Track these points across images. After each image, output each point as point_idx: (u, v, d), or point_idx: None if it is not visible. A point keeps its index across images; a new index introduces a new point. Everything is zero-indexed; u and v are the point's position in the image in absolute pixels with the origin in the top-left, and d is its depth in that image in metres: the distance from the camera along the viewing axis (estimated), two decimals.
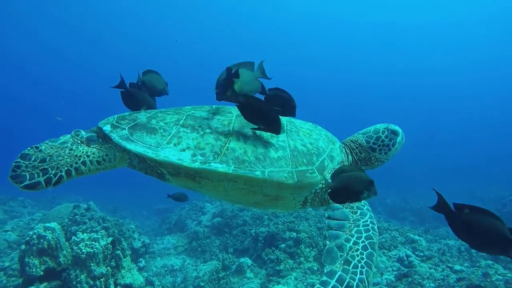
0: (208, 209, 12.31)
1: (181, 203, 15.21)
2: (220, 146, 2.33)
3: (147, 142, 2.35)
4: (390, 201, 19.29)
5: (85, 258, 4.13)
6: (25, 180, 2.16)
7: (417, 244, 7.44)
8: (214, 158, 2.28)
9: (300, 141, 2.53)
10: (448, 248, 7.88)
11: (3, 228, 10.34)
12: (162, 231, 13.11)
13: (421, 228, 13.05)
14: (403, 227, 8.96)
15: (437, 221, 15.73)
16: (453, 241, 9.93)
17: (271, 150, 2.38)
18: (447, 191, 8.41)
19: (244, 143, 2.38)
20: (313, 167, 2.41)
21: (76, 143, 2.46)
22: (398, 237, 7.75)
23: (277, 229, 7.89)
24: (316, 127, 2.85)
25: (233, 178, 2.26)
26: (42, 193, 19.05)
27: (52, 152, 2.34)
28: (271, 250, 7.41)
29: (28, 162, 2.23)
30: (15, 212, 13.12)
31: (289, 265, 7.00)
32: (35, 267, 4.13)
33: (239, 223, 9.87)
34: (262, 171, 2.26)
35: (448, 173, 33.97)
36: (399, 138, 2.92)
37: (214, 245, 9.54)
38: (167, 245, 10.66)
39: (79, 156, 2.39)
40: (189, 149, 2.32)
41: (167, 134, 2.42)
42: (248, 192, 2.39)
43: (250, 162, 2.29)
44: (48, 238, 4.29)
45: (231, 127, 2.47)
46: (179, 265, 9.02)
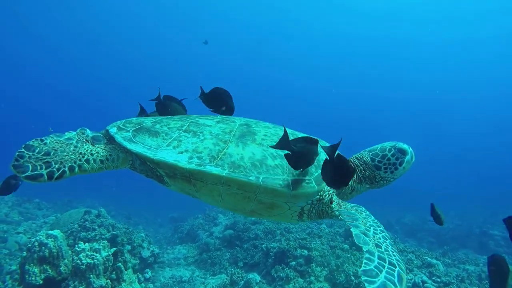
0: (221, 220, 12.16)
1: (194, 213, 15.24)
2: (218, 151, 2.37)
3: (147, 144, 2.43)
4: (407, 220, 18.77)
5: (84, 269, 4.01)
6: (27, 170, 2.17)
7: (434, 269, 7.10)
8: (210, 161, 2.31)
9: None
10: (467, 275, 7.51)
11: (16, 229, 10.42)
12: (174, 240, 13.05)
13: (439, 250, 12.56)
14: (420, 249, 8.60)
15: (457, 243, 15.24)
16: (473, 266, 9.51)
17: (269, 158, 2.39)
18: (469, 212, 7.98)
19: (242, 149, 2.40)
20: (310, 177, 2.39)
21: (81, 141, 2.52)
22: (414, 260, 7.42)
23: (288, 246, 7.68)
24: (320, 141, 2.74)
25: (226, 181, 2.27)
26: (59, 196, 19.46)
27: (57, 146, 2.38)
28: (281, 267, 7.20)
29: (31, 153, 2.26)
30: (30, 214, 13.28)
31: (299, 284, 6.77)
32: (34, 276, 4.04)
33: (250, 236, 9.69)
34: (256, 177, 2.27)
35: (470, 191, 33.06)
36: (408, 157, 2.81)
37: (224, 258, 9.36)
38: (178, 255, 10.54)
39: (83, 154, 2.42)
40: (187, 152, 2.37)
41: (168, 137, 2.48)
42: (242, 198, 2.39)
43: (245, 167, 2.31)
44: (50, 246, 4.20)
45: (232, 135, 2.51)
46: (187, 276, 8.88)
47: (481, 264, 10.26)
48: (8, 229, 10.76)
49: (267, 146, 2.46)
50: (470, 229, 15.88)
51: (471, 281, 7.28)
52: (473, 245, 14.87)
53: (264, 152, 2.42)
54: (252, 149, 2.42)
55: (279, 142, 2.23)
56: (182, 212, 18.92)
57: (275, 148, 2.28)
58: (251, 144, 2.45)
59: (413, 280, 6.29)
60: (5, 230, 10.66)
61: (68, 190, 23.24)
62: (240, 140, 2.47)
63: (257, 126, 2.69)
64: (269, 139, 2.53)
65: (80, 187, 25.96)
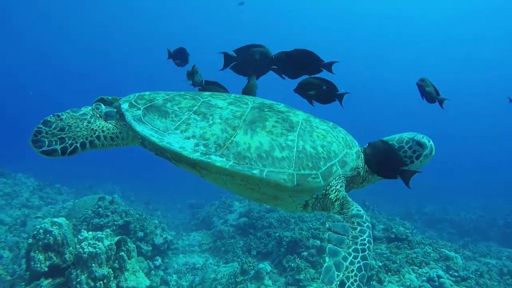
0: (236, 207, 12.13)
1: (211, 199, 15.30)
2: (225, 139, 2.31)
3: (156, 126, 2.40)
4: (428, 210, 18.31)
5: (86, 258, 3.98)
6: (43, 145, 2.27)
7: (452, 262, 6.82)
8: (216, 150, 2.27)
9: (311, 142, 2.40)
10: (487, 269, 7.22)
11: (36, 214, 10.64)
12: (190, 227, 13.14)
13: (459, 242, 12.22)
14: (438, 241, 8.29)
15: (479, 234, 14.80)
16: (495, 260, 9.17)
17: (276, 149, 2.30)
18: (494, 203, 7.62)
19: (251, 138, 2.33)
20: (317, 171, 2.30)
21: (94, 116, 2.54)
22: (432, 253, 7.15)
23: (300, 236, 7.56)
24: (335, 128, 2.67)
25: (230, 173, 2.23)
26: (80, 181, 19.84)
27: (72, 122, 2.43)
28: (293, 257, 7.09)
29: (48, 129, 2.33)
30: (50, 198, 13.56)
31: (310, 275, 6.65)
32: (39, 263, 4.05)
33: (264, 224, 9.62)
34: (261, 170, 2.21)
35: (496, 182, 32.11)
36: (426, 151, 2.62)
37: (237, 246, 9.34)
38: (192, 241, 10.59)
39: (95, 130, 2.47)
40: (194, 137, 2.33)
41: (177, 119, 2.44)
42: (246, 188, 2.36)
43: (251, 159, 2.24)
44: (55, 233, 4.19)
45: (242, 120, 2.42)
46: (201, 263, 8.92)
47: (504, 258, 9.90)
48: (29, 213, 11.03)
49: (277, 135, 2.36)
50: (494, 221, 15.37)
51: (491, 276, 6.98)
52: (497, 237, 14.41)
53: (273, 142, 2.33)
54: (260, 138, 2.33)
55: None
56: (200, 198, 19.03)
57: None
58: (260, 131, 2.36)
59: (428, 274, 6.05)
60: (27, 214, 10.93)
61: (90, 175, 23.75)
62: (250, 126, 2.38)
63: (270, 110, 2.56)
64: (280, 126, 2.42)
65: (102, 172, 26.50)
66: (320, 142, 2.43)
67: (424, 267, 6.59)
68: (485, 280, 6.59)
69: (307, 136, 2.42)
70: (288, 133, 2.38)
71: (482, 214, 16.18)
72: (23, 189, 13.21)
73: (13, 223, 9.61)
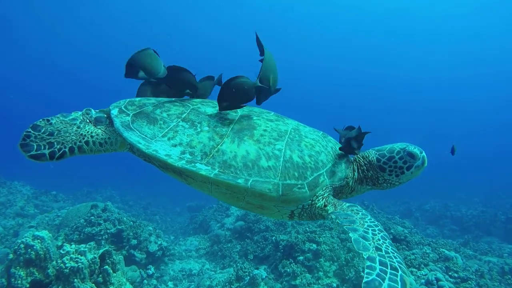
0: (233, 210, 11.97)
1: (210, 202, 15.14)
2: (211, 147, 2.30)
3: (144, 132, 2.39)
4: (429, 207, 18.16)
5: (68, 274, 3.80)
6: (32, 150, 2.28)
7: (451, 263, 6.66)
8: (202, 158, 2.26)
9: (299, 152, 2.38)
10: (488, 269, 7.05)
11: (30, 223, 10.48)
12: (188, 231, 13.01)
13: (460, 239, 12.05)
14: (438, 241, 8.13)
15: (480, 231, 14.65)
16: (496, 258, 9.00)
17: (263, 158, 2.29)
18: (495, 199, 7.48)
19: (237, 146, 2.31)
20: (303, 181, 2.28)
21: (84, 121, 2.56)
22: (431, 254, 6.99)
23: (296, 240, 7.39)
24: (325, 137, 2.66)
25: (215, 182, 2.23)
26: (78, 187, 19.68)
27: (61, 127, 2.45)
28: (288, 262, 6.94)
29: (37, 133, 2.35)
30: (45, 206, 13.37)
31: (306, 280, 6.50)
32: (20, 279, 3.88)
33: (261, 228, 9.48)
34: (246, 179, 2.19)
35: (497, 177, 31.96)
36: (418, 163, 2.53)
37: (234, 250, 9.19)
38: (189, 246, 10.44)
39: (83, 135, 2.48)
40: (181, 145, 2.32)
41: (165, 126, 2.43)
42: (231, 197, 2.36)
43: (236, 168, 2.23)
44: (36, 248, 4.03)
45: (230, 128, 2.42)
46: (197, 269, 8.76)
47: (506, 255, 9.74)
48: (23, 222, 10.88)
49: (264, 144, 2.35)
50: (495, 216, 15.19)
51: (492, 276, 6.82)
52: (498, 232, 14.25)
53: (260, 151, 2.31)
54: (247, 147, 2.32)
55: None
56: (199, 201, 18.90)
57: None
58: (247, 140, 2.35)
59: (426, 277, 5.88)
60: (20, 223, 10.78)
61: (89, 181, 23.63)
62: (237, 135, 2.37)
63: (258, 118, 2.56)
64: (268, 135, 2.41)
65: (101, 177, 26.37)
66: (308, 151, 2.41)
67: (423, 269, 6.43)
68: (486, 281, 6.42)
69: (295, 146, 2.40)
70: (276, 142, 2.37)
71: (483, 210, 16.00)
72: (18, 198, 13.03)
73: (5, 234, 9.45)
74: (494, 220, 15.01)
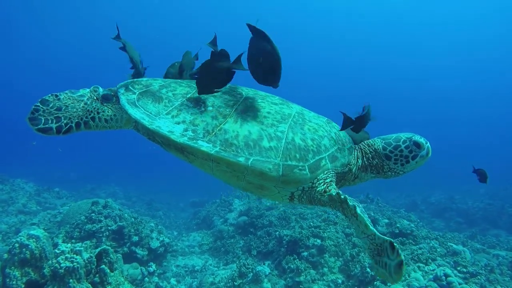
0: (236, 206, 11.84)
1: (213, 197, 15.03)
2: (214, 126, 2.31)
3: (148, 110, 2.42)
4: (434, 199, 17.94)
5: (63, 274, 3.68)
6: (40, 123, 2.35)
7: (460, 257, 6.49)
8: (204, 136, 2.27)
9: (302, 135, 2.37)
10: (498, 263, 6.88)
11: (32, 220, 10.39)
12: (192, 226, 12.94)
13: (467, 232, 11.86)
14: (445, 235, 7.96)
15: (487, 223, 14.43)
16: (504, 251, 8.82)
17: (265, 139, 2.29)
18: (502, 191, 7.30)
19: (240, 126, 2.31)
20: (304, 164, 2.28)
21: (91, 98, 2.61)
22: (438, 248, 6.82)
23: (300, 235, 7.25)
24: (329, 123, 2.63)
25: (215, 159, 2.23)
26: (81, 184, 19.62)
27: (69, 102, 2.51)
28: (292, 258, 6.79)
29: (45, 107, 2.41)
30: (48, 203, 13.29)
31: (311, 276, 6.35)
32: (15, 279, 3.75)
33: (264, 223, 9.34)
34: (246, 158, 2.20)
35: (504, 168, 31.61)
36: (423, 152, 2.54)
37: (237, 246, 9.07)
38: (192, 242, 10.32)
39: (90, 111, 2.55)
40: (184, 123, 2.33)
41: (170, 105, 2.45)
42: (232, 176, 2.35)
43: (238, 146, 2.24)
44: (31, 247, 3.90)
45: (233, 108, 2.42)
46: (200, 265, 8.64)
47: None
48: (25, 219, 10.79)
49: (267, 125, 2.35)
50: (503, 208, 14.97)
51: (502, 270, 6.65)
52: (505, 225, 14.04)
53: (262, 132, 2.31)
54: (250, 127, 2.32)
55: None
56: (203, 196, 18.82)
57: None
58: (250, 121, 2.35)
59: (435, 273, 5.71)
60: (23, 220, 10.69)
61: (93, 178, 23.62)
62: (241, 115, 2.38)
63: (263, 101, 2.55)
64: (272, 117, 2.41)
65: (105, 174, 26.36)
66: (311, 135, 2.41)
67: (430, 264, 6.27)
68: (496, 276, 6.25)
69: (298, 129, 2.40)
70: (279, 125, 2.37)
71: (490, 202, 15.77)
72: (20, 195, 12.94)
73: (7, 231, 9.37)
74: (501, 212, 14.79)
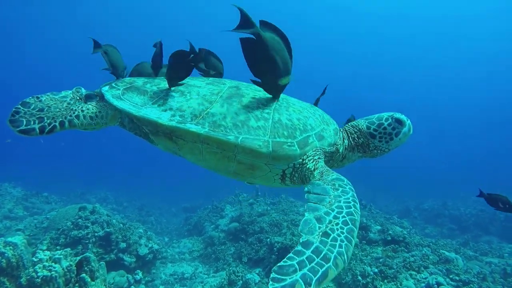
0: (228, 212, 11.71)
1: (206, 203, 14.85)
2: (201, 110, 2.37)
3: (134, 101, 2.48)
4: (427, 206, 17.91)
5: (40, 283, 3.52)
6: (21, 125, 2.28)
7: (452, 265, 6.40)
8: (192, 119, 2.32)
9: (287, 115, 2.45)
10: (490, 271, 6.80)
11: (17, 226, 10.15)
12: (183, 232, 12.75)
13: (459, 238, 11.82)
14: (438, 242, 7.89)
15: (479, 230, 14.42)
16: (497, 258, 8.76)
17: (252, 119, 2.35)
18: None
19: (227, 110, 2.37)
20: (293, 140, 2.34)
21: (74, 98, 2.61)
22: (431, 255, 6.73)
23: (292, 242, 7.14)
24: (312, 107, 2.75)
25: (205, 139, 2.28)
26: (71, 189, 19.27)
27: (51, 103, 2.48)
28: None
29: (27, 109, 2.37)
30: (36, 208, 13.03)
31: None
32: None
33: (255, 229, 9.21)
34: (236, 137, 2.25)
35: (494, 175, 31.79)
36: (405, 129, 2.65)
37: (228, 252, 8.91)
38: (183, 249, 10.15)
39: (74, 110, 2.52)
40: (171, 110, 2.39)
41: (155, 96, 2.51)
42: (222, 157, 2.37)
43: (226, 127, 2.29)
44: (8, 255, 3.73)
45: (218, 96, 2.49)
46: (190, 273, 8.47)
47: (506, 255, 9.50)
48: (11, 225, 10.58)
49: (253, 108, 2.42)
50: (494, 215, 14.97)
51: (495, 278, 6.57)
52: (497, 231, 14.03)
53: (249, 113, 2.38)
54: (236, 110, 2.38)
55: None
56: (195, 202, 18.62)
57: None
58: (236, 105, 2.42)
59: (427, 281, 5.62)
60: (8, 226, 10.48)
61: (83, 182, 23.26)
62: (226, 101, 2.44)
63: (247, 89, 2.62)
64: (257, 101, 2.48)
65: (96, 178, 26.01)
66: (297, 115, 2.47)
67: (423, 272, 6.17)
68: (488, 284, 6.18)
69: (283, 110, 2.46)
70: (265, 107, 2.44)
71: (482, 209, 15.75)
72: (7, 200, 12.69)
73: None
74: (493, 219, 14.78)
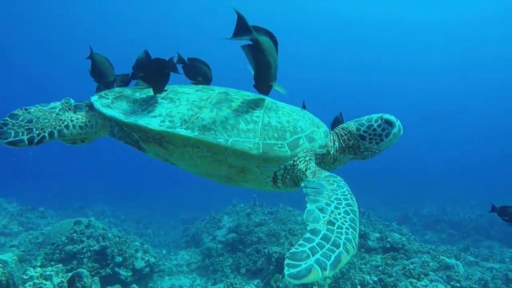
0: (225, 222, 11.61)
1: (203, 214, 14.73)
2: (191, 116, 2.39)
3: (123, 109, 2.48)
4: (426, 212, 17.81)
5: None
6: (9, 137, 2.26)
7: (453, 272, 6.31)
8: (181, 124, 2.34)
9: (277, 118, 2.50)
10: (492, 277, 6.70)
11: (11, 242, 10.02)
12: (181, 244, 12.63)
13: (460, 244, 11.72)
14: (438, 248, 7.80)
15: (480, 234, 14.32)
16: (498, 264, 8.67)
17: (242, 123, 2.38)
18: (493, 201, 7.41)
19: (216, 114, 2.40)
20: (283, 142, 2.38)
21: (64, 109, 2.60)
22: (431, 262, 6.65)
23: None
24: (302, 110, 2.80)
25: (195, 143, 2.30)
26: (69, 203, 19.13)
27: (40, 115, 2.47)
28: (281, 276, 6.55)
29: (15, 121, 2.35)
30: (31, 224, 12.87)
31: None
32: None
33: (253, 240, 9.11)
34: (226, 139, 2.28)
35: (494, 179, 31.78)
36: (395, 130, 2.68)
37: (226, 264, 8.79)
38: (180, 261, 10.01)
39: (63, 120, 2.50)
40: (160, 116, 2.41)
41: (144, 103, 2.53)
42: (213, 161, 2.39)
43: (216, 130, 2.31)
44: None
45: (208, 101, 2.51)
46: (188, 286, 8.36)
47: (507, 260, 9.41)
48: (5, 241, 10.41)
49: (242, 112, 2.45)
50: (493, 219, 14.89)
51: (496, 285, 6.47)
52: (498, 236, 13.94)
53: (238, 117, 2.41)
54: (225, 114, 2.41)
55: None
56: (193, 213, 18.52)
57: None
58: (226, 110, 2.45)
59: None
60: (2, 243, 10.31)
61: (80, 197, 23.08)
62: (216, 106, 2.47)
63: (236, 94, 2.67)
64: (246, 105, 2.51)
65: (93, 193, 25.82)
66: (286, 118, 2.52)
67: (423, 279, 6.07)
68: None
69: (272, 113, 2.51)
70: (254, 111, 2.48)
71: (481, 213, 15.69)
72: (1, 216, 12.52)
73: None
74: (492, 223, 14.69)
